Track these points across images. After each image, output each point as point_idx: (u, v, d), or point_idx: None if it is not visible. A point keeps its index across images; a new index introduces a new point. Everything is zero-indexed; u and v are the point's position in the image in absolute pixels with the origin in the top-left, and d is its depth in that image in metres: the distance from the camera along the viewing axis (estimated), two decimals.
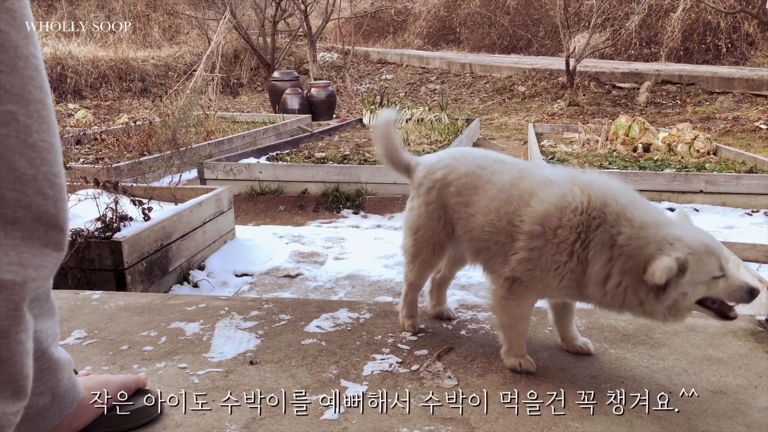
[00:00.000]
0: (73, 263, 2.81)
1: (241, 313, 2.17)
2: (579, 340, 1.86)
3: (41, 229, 1.07)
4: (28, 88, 1.04)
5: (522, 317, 1.75)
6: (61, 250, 1.13)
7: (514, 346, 1.75)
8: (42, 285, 1.10)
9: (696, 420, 1.50)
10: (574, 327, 1.87)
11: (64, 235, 1.13)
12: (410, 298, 2.01)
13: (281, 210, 5.09)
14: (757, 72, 11.67)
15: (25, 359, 1.05)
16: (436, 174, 1.86)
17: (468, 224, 1.79)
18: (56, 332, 1.29)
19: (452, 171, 1.83)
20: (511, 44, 18.42)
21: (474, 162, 1.83)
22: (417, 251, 1.92)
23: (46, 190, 1.07)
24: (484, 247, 1.76)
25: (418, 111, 9.60)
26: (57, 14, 15.26)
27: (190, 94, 7.03)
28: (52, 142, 1.08)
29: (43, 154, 1.06)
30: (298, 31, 15.43)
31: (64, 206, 1.12)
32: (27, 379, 1.06)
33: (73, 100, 11.62)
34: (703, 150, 6.52)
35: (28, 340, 1.06)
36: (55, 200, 1.09)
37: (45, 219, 1.08)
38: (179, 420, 1.50)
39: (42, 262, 1.08)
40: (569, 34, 12.12)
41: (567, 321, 1.86)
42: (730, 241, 3.32)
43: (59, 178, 1.10)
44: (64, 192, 1.12)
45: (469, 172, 1.80)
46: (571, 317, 1.86)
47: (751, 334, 1.99)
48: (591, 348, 1.85)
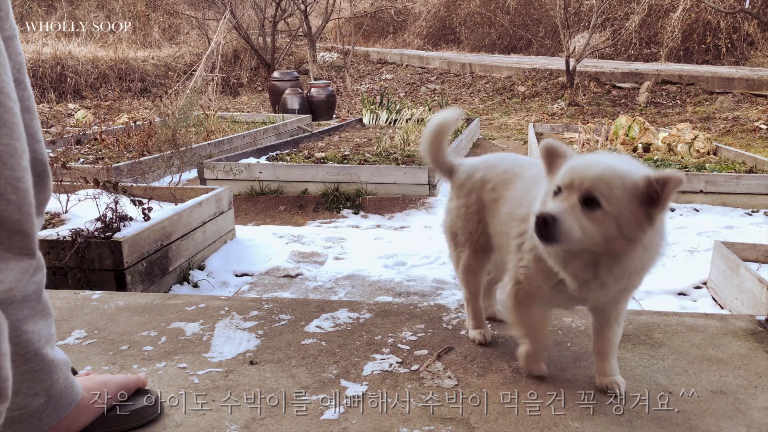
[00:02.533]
0: (73, 263, 2.81)
1: (241, 313, 2.17)
2: (606, 378, 1.62)
3: (4, 235, 1.05)
4: None
5: (532, 325, 1.66)
6: (29, 255, 1.11)
7: (530, 352, 1.68)
8: (12, 289, 1.07)
9: (696, 420, 1.50)
10: (608, 361, 1.63)
11: (30, 240, 1.10)
12: (471, 309, 1.94)
13: (281, 210, 5.08)
14: (757, 72, 11.67)
15: (3, 361, 1.04)
16: (477, 174, 1.83)
17: (494, 218, 1.76)
18: (51, 333, 1.29)
19: (492, 170, 1.81)
20: (511, 44, 18.43)
21: (515, 162, 1.81)
22: (458, 257, 1.89)
23: (8, 195, 1.05)
24: (504, 242, 1.71)
25: (418, 111, 9.60)
26: (57, 14, 15.26)
27: (190, 94, 7.03)
28: (15, 146, 1.05)
29: (4, 158, 1.03)
30: (298, 31, 15.44)
31: (29, 211, 1.10)
32: (6, 381, 1.04)
33: (73, 100, 11.62)
34: (703, 150, 6.52)
35: (3, 341, 1.05)
36: (18, 205, 1.07)
37: (7, 225, 1.05)
38: (179, 420, 1.50)
39: (6, 266, 1.05)
40: (569, 34, 12.12)
41: (602, 349, 1.64)
42: (730, 241, 3.32)
43: (23, 183, 1.08)
44: (29, 197, 1.09)
45: (507, 169, 1.78)
46: (607, 346, 1.62)
47: (751, 334, 1.99)
48: (618, 390, 1.60)
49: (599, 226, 1.31)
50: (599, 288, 1.45)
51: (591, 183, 1.31)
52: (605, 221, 1.31)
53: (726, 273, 2.92)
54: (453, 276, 3.45)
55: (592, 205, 1.31)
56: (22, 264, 1.10)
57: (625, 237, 1.32)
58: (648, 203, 1.31)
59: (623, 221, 1.31)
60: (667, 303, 3.06)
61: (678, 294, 3.21)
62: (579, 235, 1.31)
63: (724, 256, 2.96)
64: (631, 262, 1.38)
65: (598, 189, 1.31)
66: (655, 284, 3.26)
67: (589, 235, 1.31)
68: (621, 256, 1.36)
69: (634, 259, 1.37)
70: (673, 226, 4.56)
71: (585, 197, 1.32)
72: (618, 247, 1.34)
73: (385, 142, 7.07)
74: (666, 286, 3.25)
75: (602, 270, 1.40)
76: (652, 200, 1.31)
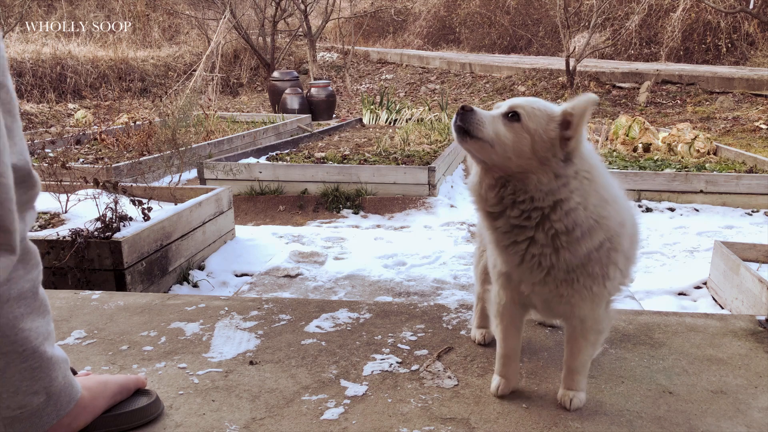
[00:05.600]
0: (72, 263, 2.80)
1: (240, 313, 2.17)
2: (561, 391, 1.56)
3: None
4: None
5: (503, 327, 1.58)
6: (8, 251, 1.11)
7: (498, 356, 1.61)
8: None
9: (696, 420, 1.50)
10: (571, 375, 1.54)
11: (10, 236, 1.10)
12: (480, 307, 1.88)
13: (281, 210, 5.08)
14: (757, 72, 11.66)
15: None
16: None
17: None
18: (49, 330, 1.28)
19: None
20: (511, 44, 18.43)
21: None
22: (479, 255, 1.83)
23: None
24: None
25: (417, 111, 9.60)
26: (57, 14, 15.25)
27: (189, 94, 7.03)
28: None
29: None
30: (298, 30, 15.44)
31: (10, 207, 1.09)
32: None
33: (73, 100, 11.62)
34: (703, 150, 6.52)
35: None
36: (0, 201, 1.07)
37: None
38: (179, 420, 1.50)
39: None
40: (569, 34, 12.12)
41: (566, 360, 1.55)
42: (730, 241, 3.31)
43: (4, 178, 1.08)
44: (10, 192, 1.09)
45: None
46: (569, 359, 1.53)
47: (751, 334, 1.99)
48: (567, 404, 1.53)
49: (514, 136, 1.34)
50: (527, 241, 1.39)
51: (517, 102, 1.39)
52: (521, 133, 1.34)
53: (726, 273, 2.92)
54: (453, 276, 3.45)
55: (512, 118, 1.36)
56: (3, 260, 1.09)
57: (536, 156, 1.34)
58: (564, 129, 1.35)
59: (537, 139, 1.34)
60: (667, 303, 3.07)
61: (678, 294, 3.21)
62: (491, 134, 1.33)
63: (724, 256, 2.96)
64: (537, 186, 1.34)
65: (521, 107, 1.37)
66: (655, 284, 3.26)
67: (501, 140, 1.34)
68: (528, 178, 1.35)
69: (542, 184, 1.34)
70: (673, 226, 4.56)
71: (508, 112, 1.37)
72: (528, 166, 1.35)
73: (385, 142, 7.07)
74: (666, 286, 3.25)
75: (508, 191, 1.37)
76: (569, 125, 1.35)
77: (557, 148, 1.34)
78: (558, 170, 1.34)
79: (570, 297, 1.42)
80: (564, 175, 1.35)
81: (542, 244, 1.38)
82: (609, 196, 1.40)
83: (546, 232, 1.37)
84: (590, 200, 1.36)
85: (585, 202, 1.35)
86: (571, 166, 1.35)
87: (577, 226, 1.35)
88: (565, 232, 1.35)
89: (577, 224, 1.35)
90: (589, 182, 1.36)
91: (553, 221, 1.35)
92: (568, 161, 1.35)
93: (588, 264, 1.39)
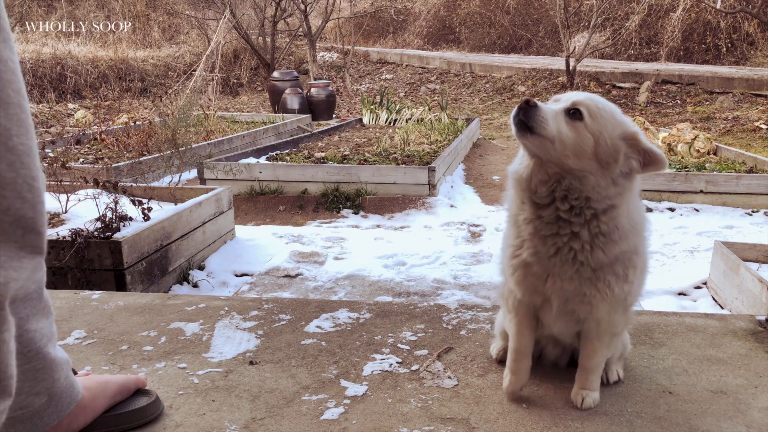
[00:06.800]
0: (72, 263, 2.80)
1: (240, 313, 2.17)
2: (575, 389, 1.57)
3: (18, 233, 1.07)
4: (6, 91, 1.03)
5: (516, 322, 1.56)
6: (39, 254, 1.13)
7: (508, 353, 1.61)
8: (23, 287, 1.09)
9: (696, 420, 1.50)
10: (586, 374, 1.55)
11: (41, 239, 1.13)
12: None
13: (281, 210, 5.08)
14: (757, 72, 11.66)
15: (9, 358, 1.05)
16: None
17: None
18: (52, 332, 1.29)
19: None
20: (511, 44, 18.43)
21: None
22: None
23: (24, 193, 1.07)
24: None
25: (418, 111, 9.60)
26: (57, 14, 15.26)
27: (189, 94, 7.03)
28: (30, 146, 1.08)
29: (22, 157, 1.06)
30: (298, 30, 15.44)
31: (42, 210, 1.12)
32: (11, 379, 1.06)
33: (73, 100, 11.62)
34: (703, 150, 6.52)
35: (11, 339, 1.06)
36: (33, 204, 1.09)
37: (23, 223, 1.07)
38: (179, 420, 1.50)
39: (20, 264, 1.08)
40: (569, 34, 12.12)
41: (580, 360, 1.57)
42: (730, 241, 3.31)
43: (37, 182, 1.10)
44: (42, 196, 1.12)
45: None
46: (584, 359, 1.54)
47: (751, 334, 1.99)
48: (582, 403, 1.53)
49: (576, 136, 1.32)
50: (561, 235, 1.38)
51: (579, 99, 1.35)
52: (584, 133, 1.32)
53: (726, 273, 2.92)
54: (453, 276, 3.45)
55: (574, 115, 1.33)
56: (34, 262, 1.12)
57: (597, 159, 1.32)
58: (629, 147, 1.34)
59: (602, 143, 1.32)
60: (667, 303, 3.06)
61: (678, 294, 3.21)
62: (554, 131, 1.30)
63: (724, 256, 2.96)
64: (595, 188, 1.34)
65: (585, 104, 1.34)
66: (655, 284, 3.26)
67: (562, 138, 1.31)
68: (587, 178, 1.33)
69: (600, 187, 1.34)
70: (673, 226, 4.56)
71: (570, 108, 1.34)
72: (587, 167, 1.33)
73: (385, 142, 7.07)
74: (666, 286, 3.25)
75: (562, 187, 1.35)
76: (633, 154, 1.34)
77: (620, 161, 1.34)
78: (617, 179, 1.35)
79: (592, 297, 1.44)
80: (621, 184, 1.36)
81: (584, 240, 1.39)
82: (639, 201, 1.44)
83: (591, 230, 1.38)
84: (632, 206, 1.40)
85: (629, 209, 1.39)
86: (631, 180, 1.37)
87: (617, 229, 1.38)
88: (607, 233, 1.38)
89: (618, 228, 1.38)
90: (630, 189, 1.39)
91: (601, 222, 1.37)
92: (629, 177, 1.36)
93: (615, 263, 1.41)
